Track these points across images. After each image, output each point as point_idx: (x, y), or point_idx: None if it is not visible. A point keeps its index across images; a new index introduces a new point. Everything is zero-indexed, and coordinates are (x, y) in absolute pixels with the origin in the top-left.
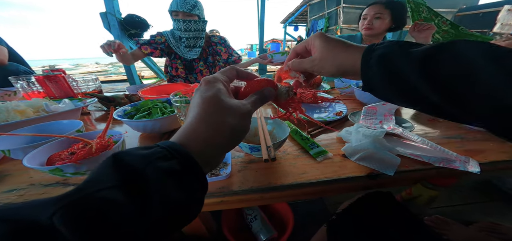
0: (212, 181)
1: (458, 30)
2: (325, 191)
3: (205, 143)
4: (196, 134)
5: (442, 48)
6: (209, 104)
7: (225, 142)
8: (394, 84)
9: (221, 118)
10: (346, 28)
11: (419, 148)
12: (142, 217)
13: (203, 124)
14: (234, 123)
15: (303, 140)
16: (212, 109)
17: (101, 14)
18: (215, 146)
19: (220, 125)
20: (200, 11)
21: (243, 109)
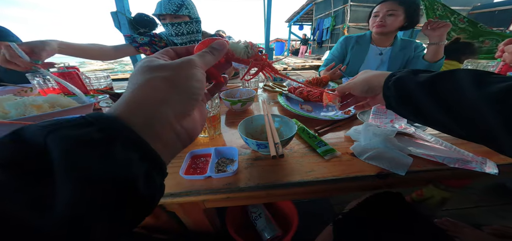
0: (219, 178)
1: (476, 28)
2: (332, 189)
3: (136, 104)
4: (124, 99)
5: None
6: (137, 71)
7: (163, 95)
8: (406, 104)
9: (151, 74)
10: (353, 26)
11: (432, 148)
12: (38, 208)
13: (130, 89)
14: (168, 74)
15: (310, 138)
16: (140, 71)
17: (112, 13)
18: (150, 103)
19: (150, 80)
20: (189, 10)
21: (181, 61)
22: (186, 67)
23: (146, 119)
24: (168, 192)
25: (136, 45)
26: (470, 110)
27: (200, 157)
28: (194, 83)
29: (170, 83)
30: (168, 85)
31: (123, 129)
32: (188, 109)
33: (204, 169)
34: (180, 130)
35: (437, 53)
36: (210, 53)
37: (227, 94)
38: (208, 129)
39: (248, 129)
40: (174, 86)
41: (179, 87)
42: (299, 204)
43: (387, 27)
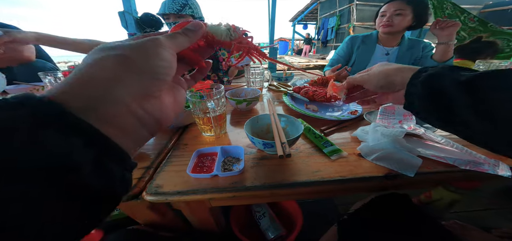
0: (225, 176)
1: (486, 27)
2: (339, 190)
3: (78, 85)
4: (65, 81)
5: (496, 75)
6: (90, 53)
7: (114, 74)
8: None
9: (102, 54)
10: (359, 26)
11: (442, 150)
12: None
13: (77, 69)
14: (122, 52)
15: (317, 138)
16: (92, 52)
17: (119, 13)
18: (96, 84)
19: (99, 60)
20: (193, 9)
21: (141, 40)
22: (148, 46)
23: (90, 100)
24: (175, 190)
25: None
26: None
27: (206, 156)
28: (158, 62)
29: (124, 62)
30: (121, 63)
31: (58, 112)
32: (150, 89)
33: (211, 168)
34: (142, 113)
35: (446, 53)
36: (183, 35)
37: (232, 93)
38: (214, 128)
39: (254, 129)
40: (129, 65)
41: (136, 66)
42: (303, 204)
43: (394, 26)
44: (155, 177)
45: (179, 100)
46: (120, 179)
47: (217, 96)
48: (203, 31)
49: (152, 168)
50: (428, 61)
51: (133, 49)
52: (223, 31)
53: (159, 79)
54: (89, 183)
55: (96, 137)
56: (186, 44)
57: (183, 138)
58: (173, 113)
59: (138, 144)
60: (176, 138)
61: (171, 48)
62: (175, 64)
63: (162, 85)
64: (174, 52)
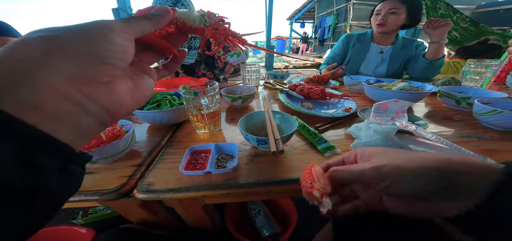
0: (218, 173)
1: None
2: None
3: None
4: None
5: None
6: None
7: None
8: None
9: (28, 35)
10: (356, 25)
11: (433, 146)
12: None
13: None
14: (55, 34)
15: (311, 135)
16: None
17: (113, 9)
18: (12, 65)
19: (21, 41)
20: (186, 7)
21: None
22: (96, 28)
23: (6, 83)
24: (167, 188)
25: None
26: None
27: (200, 153)
28: (107, 45)
29: (55, 43)
30: (51, 44)
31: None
32: (93, 74)
33: (204, 165)
34: (81, 98)
35: (437, 52)
36: (146, 19)
37: (227, 90)
38: (208, 125)
39: (249, 125)
40: (61, 46)
41: (71, 48)
42: (298, 201)
43: (388, 25)
44: (147, 174)
45: (142, 89)
46: (57, 174)
47: (211, 93)
48: (170, 16)
49: (144, 165)
50: (420, 59)
51: (72, 30)
52: (196, 17)
53: (105, 64)
54: (8, 182)
55: (12, 125)
56: (149, 29)
57: (177, 135)
58: (132, 102)
59: (83, 134)
60: (169, 135)
61: (126, 33)
62: (132, 50)
63: (110, 70)
64: (131, 37)
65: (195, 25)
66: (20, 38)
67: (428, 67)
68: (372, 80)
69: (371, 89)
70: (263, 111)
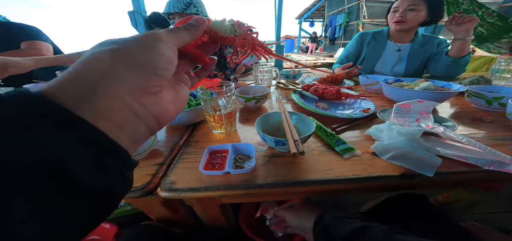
0: (237, 174)
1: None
2: (353, 189)
3: (71, 79)
4: (59, 76)
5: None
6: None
7: (108, 67)
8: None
9: (98, 48)
10: (369, 23)
11: (464, 149)
12: None
13: (72, 65)
14: (118, 46)
15: (328, 136)
16: (92, 47)
17: (129, 12)
18: (89, 76)
19: (94, 54)
20: (198, 8)
21: (140, 34)
22: (146, 40)
23: (84, 94)
24: (188, 187)
25: None
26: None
27: (217, 153)
28: (156, 56)
29: (119, 55)
30: (116, 57)
31: (49, 105)
32: (148, 84)
33: (222, 165)
34: (139, 108)
35: (462, 49)
36: (185, 29)
37: (241, 91)
38: (225, 125)
39: (265, 126)
40: (124, 58)
41: (131, 59)
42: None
43: (407, 22)
44: (169, 173)
45: (181, 97)
46: (119, 178)
47: (228, 93)
48: (206, 26)
49: (165, 164)
50: (443, 57)
51: (129, 42)
52: (227, 27)
53: (157, 74)
54: (86, 183)
55: (91, 132)
56: (187, 39)
57: (194, 135)
58: (175, 110)
59: (137, 141)
60: (187, 135)
61: (171, 43)
62: (176, 60)
63: (161, 81)
64: (175, 47)
65: (226, 35)
66: (88, 53)
67: (452, 65)
68: (391, 79)
69: (391, 89)
70: (278, 112)
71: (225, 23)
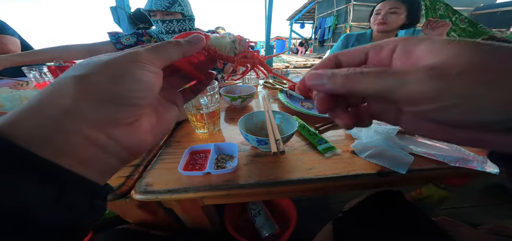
0: (218, 174)
1: (476, 28)
2: (333, 187)
3: (30, 113)
4: (18, 110)
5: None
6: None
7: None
8: None
9: (64, 75)
10: (356, 26)
11: (433, 147)
12: None
13: (34, 97)
14: (84, 73)
15: (311, 135)
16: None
17: (111, 8)
18: (49, 112)
19: (57, 83)
20: (183, 7)
21: (116, 55)
22: (121, 64)
23: (43, 131)
24: (166, 189)
25: (120, 46)
26: None
27: (199, 153)
28: (132, 84)
29: (85, 85)
30: (81, 87)
31: (4, 147)
32: (118, 116)
33: (203, 166)
34: (106, 142)
35: None
36: (175, 45)
37: (227, 90)
38: (208, 125)
39: (248, 125)
40: (90, 89)
41: (99, 90)
42: (297, 201)
43: (388, 25)
44: (145, 175)
45: (164, 121)
46: (87, 209)
47: (210, 92)
48: (203, 44)
49: (142, 166)
50: None
51: (100, 67)
52: (227, 44)
53: (130, 105)
54: (47, 222)
55: (52, 171)
56: (177, 57)
57: (175, 135)
58: (152, 138)
59: (106, 173)
60: (168, 134)
61: (154, 64)
62: (159, 83)
63: (135, 111)
64: (158, 69)
65: (226, 53)
66: (55, 81)
67: None
68: None
69: None
70: (263, 111)
71: (225, 40)
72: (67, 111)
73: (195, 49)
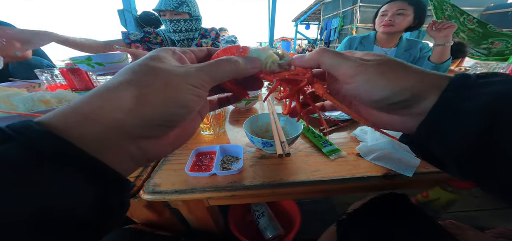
0: (224, 175)
1: (485, 29)
2: (338, 189)
3: (82, 113)
4: (71, 107)
5: None
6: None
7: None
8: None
9: (125, 77)
10: (362, 27)
11: None
12: None
13: (88, 95)
14: (139, 90)
15: (316, 137)
16: (127, 66)
17: (119, 11)
18: (100, 117)
19: (117, 87)
20: (190, 7)
21: (171, 72)
22: (174, 85)
23: (92, 133)
24: (173, 189)
25: (128, 41)
26: None
27: (205, 155)
28: (177, 109)
29: (139, 105)
30: (136, 106)
31: (57, 145)
32: (153, 134)
33: (209, 167)
34: (136, 152)
35: (443, 55)
36: (231, 65)
37: None
38: (213, 126)
39: (253, 127)
40: (142, 110)
41: (149, 111)
42: (301, 203)
43: (395, 26)
44: (153, 175)
45: (188, 131)
46: (118, 207)
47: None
48: (257, 69)
49: (150, 166)
50: (425, 62)
51: (158, 87)
52: (268, 57)
53: (169, 127)
54: (90, 221)
55: (101, 172)
56: (229, 77)
57: None
58: (171, 149)
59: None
60: None
61: (203, 87)
62: (199, 106)
63: (169, 130)
64: (206, 91)
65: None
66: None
67: (434, 70)
68: None
69: None
70: (267, 113)
71: (267, 52)
72: (118, 125)
73: (250, 72)
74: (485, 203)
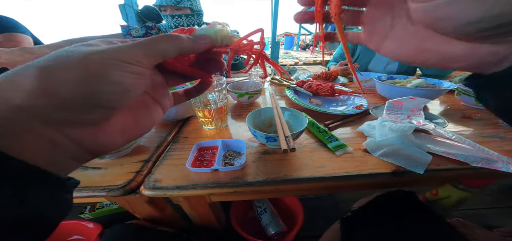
0: (226, 171)
1: None
2: (344, 186)
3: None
4: None
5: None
6: None
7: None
8: None
9: (30, 64)
10: None
11: (453, 146)
12: None
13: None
14: (52, 65)
15: (321, 132)
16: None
17: (120, 6)
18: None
19: (24, 69)
20: (192, 2)
21: (93, 50)
22: (95, 61)
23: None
24: (174, 185)
25: (129, 38)
26: None
27: (207, 150)
28: (102, 87)
29: (44, 81)
30: (40, 83)
31: None
32: (82, 119)
33: (211, 162)
34: (62, 141)
35: None
36: (172, 40)
37: (234, 86)
38: (215, 120)
39: (256, 122)
40: (49, 86)
41: (60, 88)
42: (304, 200)
43: None
44: (154, 171)
45: (144, 123)
46: (49, 203)
47: (218, 88)
48: (209, 44)
49: (151, 161)
50: None
51: (72, 63)
52: (218, 31)
53: (96, 107)
54: (13, 214)
55: (10, 166)
56: (173, 53)
57: (183, 131)
58: (122, 141)
59: (66, 169)
60: (176, 130)
61: (139, 63)
62: (140, 85)
63: (102, 113)
64: (144, 68)
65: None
66: (18, 69)
67: None
68: (384, 77)
69: (383, 86)
70: (271, 107)
71: (214, 28)
72: (18, 107)
73: (198, 48)
74: (495, 201)
